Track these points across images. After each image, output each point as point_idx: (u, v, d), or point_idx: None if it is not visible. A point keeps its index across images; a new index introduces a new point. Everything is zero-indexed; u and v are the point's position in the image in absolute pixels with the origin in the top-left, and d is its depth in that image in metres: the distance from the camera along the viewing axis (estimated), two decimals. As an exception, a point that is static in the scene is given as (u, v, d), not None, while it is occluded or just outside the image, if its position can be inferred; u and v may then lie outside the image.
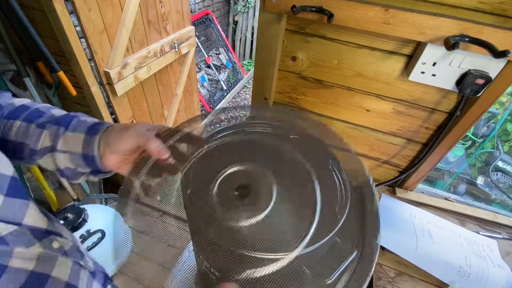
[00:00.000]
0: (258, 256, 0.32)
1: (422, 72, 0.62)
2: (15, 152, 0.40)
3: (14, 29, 0.94)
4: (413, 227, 0.75)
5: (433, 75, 0.61)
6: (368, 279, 0.31)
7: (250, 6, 3.42)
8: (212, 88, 3.16)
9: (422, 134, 0.74)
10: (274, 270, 0.32)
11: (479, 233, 0.76)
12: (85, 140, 0.38)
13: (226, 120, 0.56)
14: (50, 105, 0.43)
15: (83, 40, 1.07)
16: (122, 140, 0.38)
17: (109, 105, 1.32)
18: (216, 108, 2.95)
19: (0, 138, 0.40)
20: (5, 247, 0.29)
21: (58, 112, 0.42)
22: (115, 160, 0.40)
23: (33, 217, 0.33)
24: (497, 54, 0.48)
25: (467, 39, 0.52)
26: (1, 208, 0.29)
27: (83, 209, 0.89)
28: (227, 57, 3.42)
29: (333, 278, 0.35)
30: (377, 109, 0.75)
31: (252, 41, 3.73)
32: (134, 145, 0.38)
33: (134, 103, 1.46)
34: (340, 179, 0.39)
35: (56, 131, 0.39)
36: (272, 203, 0.35)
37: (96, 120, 0.41)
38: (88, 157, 0.39)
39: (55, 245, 0.35)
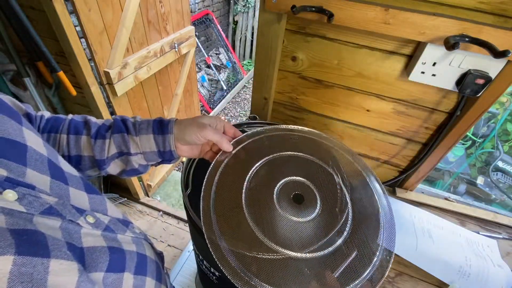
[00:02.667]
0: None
1: (422, 72, 0.62)
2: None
3: (14, 29, 0.94)
4: (413, 227, 0.75)
5: (433, 75, 0.61)
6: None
7: (250, 6, 3.42)
8: (212, 88, 3.16)
9: (422, 134, 0.74)
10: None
11: (479, 233, 0.76)
12: (157, 139, 0.44)
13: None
14: (81, 115, 0.47)
15: (83, 40, 1.07)
16: (199, 139, 0.44)
17: (109, 105, 1.32)
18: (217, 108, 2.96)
19: None
20: (113, 234, 0.32)
21: (97, 119, 0.46)
22: (187, 149, 0.47)
23: (111, 209, 0.36)
24: (497, 54, 0.48)
25: (467, 39, 0.52)
26: (91, 203, 0.33)
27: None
28: (227, 57, 3.42)
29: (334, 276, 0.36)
30: (377, 109, 0.75)
31: (252, 41, 3.73)
32: (209, 139, 0.45)
33: (134, 103, 1.46)
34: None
35: (120, 138, 0.43)
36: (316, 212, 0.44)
37: (152, 119, 0.46)
38: (165, 152, 0.45)
39: (137, 230, 0.39)
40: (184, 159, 0.63)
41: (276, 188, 0.46)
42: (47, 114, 0.44)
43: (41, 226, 0.24)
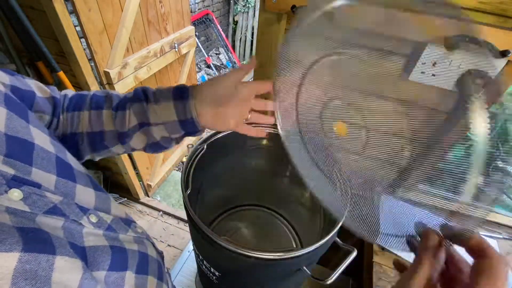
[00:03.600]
0: None
1: (422, 72, 0.62)
2: (92, 143, 0.41)
3: (14, 29, 0.94)
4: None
5: (433, 75, 0.62)
6: None
7: (250, 6, 3.42)
8: (212, 88, 3.16)
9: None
10: None
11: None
12: (177, 107, 0.40)
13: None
14: (103, 90, 0.44)
15: (83, 40, 1.07)
16: (224, 89, 0.40)
17: (109, 105, 1.32)
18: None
19: (67, 134, 0.41)
20: (115, 234, 0.32)
21: (118, 93, 0.43)
22: (210, 116, 0.41)
23: (114, 208, 0.35)
24: (497, 54, 0.49)
25: (467, 39, 0.52)
26: (97, 201, 0.32)
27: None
28: (227, 57, 3.42)
29: (333, 278, 0.36)
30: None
31: (252, 41, 3.73)
32: (249, 89, 0.41)
33: (134, 103, 1.46)
34: None
35: (139, 108, 0.40)
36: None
37: (171, 86, 0.42)
38: (186, 122, 0.40)
39: (139, 230, 0.38)
40: (185, 159, 0.62)
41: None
42: (70, 92, 0.43)
43: (44, 225, 0.24)
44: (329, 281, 0.57)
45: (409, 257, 0.67)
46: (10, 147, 0.25)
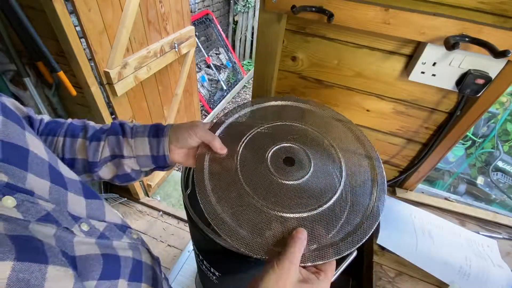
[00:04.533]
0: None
1: (422, 72, 0.62)
2: None
3: (14, 29, 0.94)
4: (413, 227, 0.75)
5: (433, 75, 0.61)
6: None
7: (250, 6, 3.42)
8: (212, 88, 3.16)
9: (422, 134, 0.74)
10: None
11: (479, 233, 0.76)
12: (151, 143, 0.43)
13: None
14: (80, 119, 0.46)
15: (83, 40, 1.07)
16: (191, 137, 0.43)
17: (109, 105, 1.32)
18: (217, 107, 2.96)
19: None
20: (108, 241, 0.32)
21: (95, 124, 0.45)
22: (181, 155, 0.46)
23: (110, 214, 0.36)
24: (497, 54, 0.48)
25: (467, 39, 0.52)
26: (88, 209, 0.33)
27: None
28: (227, 57, 3.42)
29: (333, 278, 0.36)
30: (377, 109, 0.75)
31: (252, 41, 3.73)
32: (200, 141, 0.44)
33: (134, 103, 1.46)
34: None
35: (115, 140, 0.42)
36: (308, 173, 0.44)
37: (150, 124, 0.45)
38: (158, 157, 0.44)
39: (134, 235, 0.39)
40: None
41: (267, 153, 0.46)
42: (47, 117, 0.44)
43: (37, 233, 0.24)
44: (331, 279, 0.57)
45: (409, 257, 0.67)
46: (5, 153, 0.25)
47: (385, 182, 0.43)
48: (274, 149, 0.47)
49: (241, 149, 0.47)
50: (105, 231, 0.33)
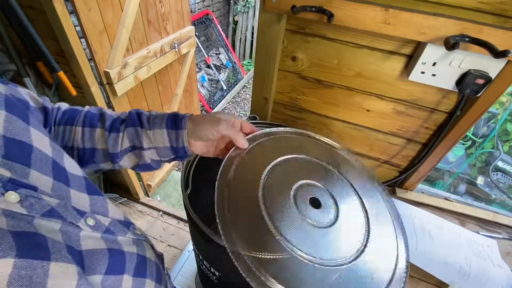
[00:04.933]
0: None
1: (422, 72, 0.62)
2: (82, 158, 0.42)
3: (14, 29, 0.94)
4: (413, 227, 0.75)
5: (433, 75, 0.61)
6: None
7: (250, 6, 3.42)
8: (212, 88, 3.16)
9: (422, 134, 0.74)
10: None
11: (479, 233, 0.76)
12: (170, 135, 0.42)
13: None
14: (97, 107, 0.45)
15: (83, 40, 1.07)
16: (213, 134, 0.42)
17: (109, 105, 1.32)
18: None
19: (64, 146, 0.42)
20: (113, 236, 0.32)
21: (112, 112, 0.45)
22: (201, 145, 0.45)
23: (112, 210, 0.36)
24: (497, 54, 0.48)
25: (467, 39, 0.52)
26: (92, 205, 0.33)
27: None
28: (227, 57, 3.42)
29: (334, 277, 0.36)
30: (377, 109, 0.75)
31: (252, 41, 3.73)
32: (224, 134, 0.43)
33: (134, 103, 1.46)
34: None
35: (133, 132, 0.41)
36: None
37: (166, 113, 0.44)
38: (178, 148, 0.43)
39: (138, 232, 0.39)
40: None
41: (293, 189, 0.44)
42: (64, 106, 0.43)
43: (42, 228, 0.24)
44: (329, 281, 0.57)
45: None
46: (8, 149, 0.25)
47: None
48: (299, 185, 0.45)
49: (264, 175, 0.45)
50: (110, 226, 0.33)
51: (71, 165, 0.33)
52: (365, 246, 0.41)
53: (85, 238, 0.28)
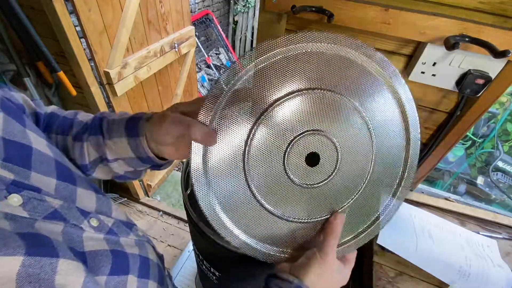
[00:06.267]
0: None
1: (422, 72, 0.62)
2: None
3: (14, 29, 0.94)
4: (413, 227, 0.75)
5: (433, 75, 0.61)
6: None
7: (250, 6, 3.42)
8: (212, 88, 3.16)
9: (422, 134, 0.74)
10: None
11: (479, 233, 0.76)
12: (131, 144, 0.35)
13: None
14: (75, 111, 0.41)
15: (83, 40, 1.07)
16: (164, 134, 0.33)
17: (109, 105, 1.32)
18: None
19: None
20: (116, 237, 0.32)
21: (84, 117, 0.39)
22: (171, 150, 0.36)
23: (115, 211, 0.35)
24: (497, 54, 0.48)
25: (467, 39, 0.52)
26: (98, 204, 0.32)
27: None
28: (227, 57, 3.42)
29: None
30: (377, 109, 0.75)
31: (252, 41, 3.73)
32: (177, 135, 0.33)
33: (134, 103, 1.46)
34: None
35: (96, 141, 0.36)
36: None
37: (125, 117, 0.36)
38: (143, 158, 0.36)
39: (140, 233, 0.38)
40: (185, 159, 0.61)
41: (286, 149, 0.34)
42: (50, 109, 0.41)
43: (44, 230, 0.24)
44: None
45: (409, 257, 0.67)
46: (8, 151, 0.25)
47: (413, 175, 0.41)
48: (295, 141, 0.34)
49: (250, 138, 0.33)
50: (113, 227, 0.32)
51: (72, 166, 0.33)
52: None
53: (87, 239, 0.28)
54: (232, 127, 0.33)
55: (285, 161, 0.35)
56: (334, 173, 0.37)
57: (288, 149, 0.34)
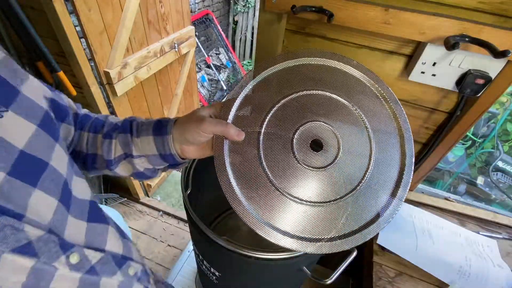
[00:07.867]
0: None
1: (422, 72, 0.62)
2: (86, 163, 0.43)
3: (14, 29, 0.94)
4: (413, 227, 0.75)
5: (433, 75, 0.62)
6: None
7: (250, 6, 3.42)
8: (212, 88, 3.16)
9: (422, 134, 0.74)
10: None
11: (479, 233, 0.76)
12: (157, 142, 0.40)
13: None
14: (105, 114, 0.46)
15: (83, 40, 1.07)
16: (201, 135, 0.39)
17: (109, 105, 1.32)
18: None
19: (74, 149, 0.43)
20: (96, 278, 0.28)
21: (114, 119, 0.45)
22: (195, 150, 0.42)
23: (112, 242, 0.33)
24: (497, 54, 0.48)
25: (467, 39, 0.52)
26: (86, 235, 0.29)
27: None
28: (227, 57, 3.42)
29: (333, 278, 0.36)
30: (377, 109, 0.75)
31: (252, 41, 3.73)
32: (210, 135, 0.40)
33: (134, 103, 1.46)
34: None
35: (124, 139, 0.41)
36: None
37: (153, 120, 0.42)
38: (166, 155, 0.41)
39: (131, 271, 0.34)
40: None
41: (293, 136, 0.41)
42: (84, 111, 0.45)
43: (8, 265, 0.21)
44: (329, 281, 0.57)
45: (409, 257, 0.67)
46: (18, 166, 0.23)
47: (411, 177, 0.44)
48: (300, 130, 0.42)
49: (262, 132, 0.42)
50: (96, 265, 0.29)
51: (78, 189, 0.31)
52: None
53: (59, 279, 0.25)
54: (247, 124, 0.42)
55: (293, 147, 0.41)
56: (338, 158, 0.41)
57: (295, 136, 0.41)
